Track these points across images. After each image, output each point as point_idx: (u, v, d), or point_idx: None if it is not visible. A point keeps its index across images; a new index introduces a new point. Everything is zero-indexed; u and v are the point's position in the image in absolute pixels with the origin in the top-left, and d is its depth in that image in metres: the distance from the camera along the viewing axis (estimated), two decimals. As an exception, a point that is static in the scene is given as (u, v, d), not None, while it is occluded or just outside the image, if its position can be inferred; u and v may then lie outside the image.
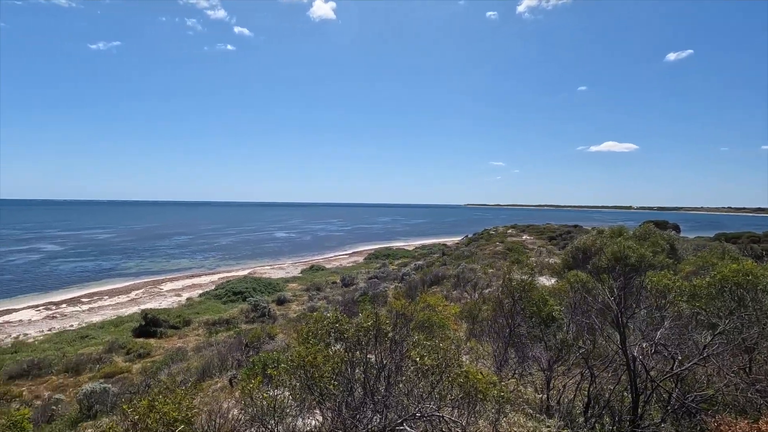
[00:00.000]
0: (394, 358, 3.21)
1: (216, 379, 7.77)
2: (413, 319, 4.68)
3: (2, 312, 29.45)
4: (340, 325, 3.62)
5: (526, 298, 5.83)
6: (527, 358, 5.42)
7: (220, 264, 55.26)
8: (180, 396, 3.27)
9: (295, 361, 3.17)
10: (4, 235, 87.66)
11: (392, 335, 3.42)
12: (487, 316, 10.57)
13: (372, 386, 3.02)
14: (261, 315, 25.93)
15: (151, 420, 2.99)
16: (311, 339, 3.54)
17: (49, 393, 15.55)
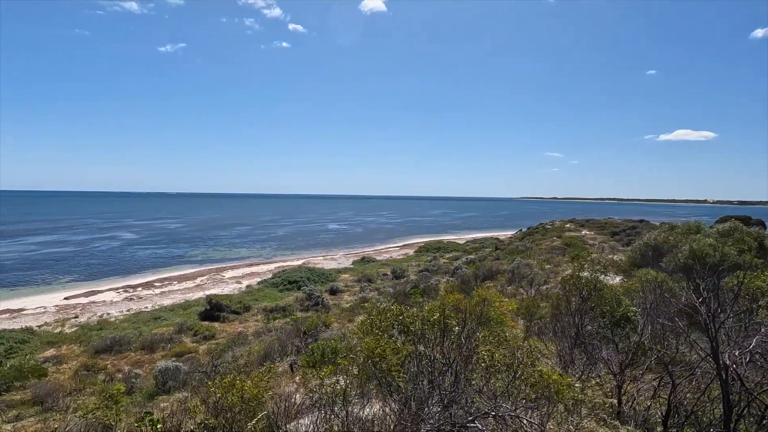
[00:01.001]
0: (462, 353, 3.12)
1: (277, 363, 8.11)
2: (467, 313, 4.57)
3: (90, 293, 32.75)
4: (404, 317, 3.58)
5: (597, 297, 5.46)
6: (596, 360, 5.09)
7: (276, 254, 57.64)
8: (259, 377, 3.43)
9: (364, 352, 3.19)
10: (90, 224, 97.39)
11: (458, 330, 3.32)
12: (546, 313, 10.12)
13: (439, 381, 2.97)
14: (315, 304, 26.75)
15: (232, 396, 3.14)
16: (375, 330, 3.55)
17: (129, 367, 17.09)
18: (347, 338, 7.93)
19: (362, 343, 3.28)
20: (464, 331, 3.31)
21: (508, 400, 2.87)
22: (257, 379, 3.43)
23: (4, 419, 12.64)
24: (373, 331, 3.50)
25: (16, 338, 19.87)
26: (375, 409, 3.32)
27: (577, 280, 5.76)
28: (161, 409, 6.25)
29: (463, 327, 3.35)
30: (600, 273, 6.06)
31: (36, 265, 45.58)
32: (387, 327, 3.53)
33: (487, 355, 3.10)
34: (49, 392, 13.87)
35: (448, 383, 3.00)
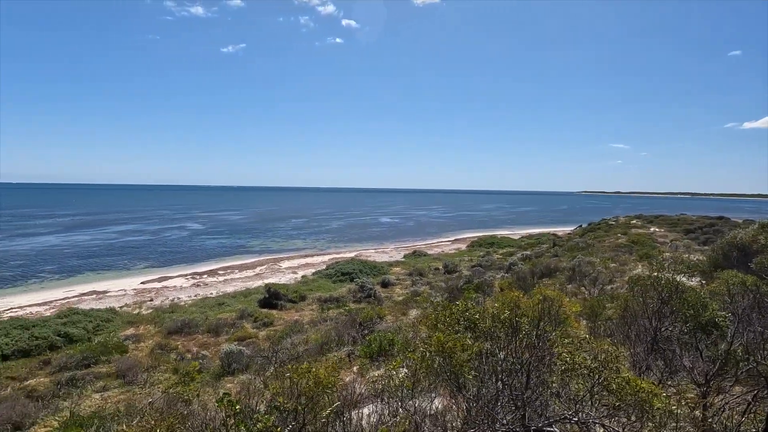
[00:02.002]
0: (536, 353, 2.98)
1: (335, 353, 8.33)
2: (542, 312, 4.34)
3: (162, 278, 35.55)
4: (471, 313, 3.49)
5: (679, 299, 4.98)
6: (677, 368, 4.66)
7: (330, 246, 59.11)
8: (333, 365, 3.52)
9: (433, 347, 3.15)
10: (162, 215, 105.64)
11: (529, 329, 3.17)
12: (613, 314, 9.50)
13: (511, 381, 2.86)
14: (367, 296, 27.13)
15: (308, 381, 3.25)
16: (441, 325, 3.49)
17: (197, 348, 18.37)
18: (403, 331, 7.93)
19: (431, 338, 3.23)
20: (536, 330, 3.15)
21: (589, 406, 2.69)
22: (331, 368, 3.51)
23: (93, 389, 14.10)
24: (438, 326, 3.44)
25: (102, 317, 22.03)
26: (440, 404, 3.27)
27: (656, 280, 5.29)
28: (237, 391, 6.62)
29: (536, 326, 3.18)
30: (682, 274, 5.53)
31: (117, 251, 50.26)
32: (453, 322, 3.46)
33: (567, 357, 2.92)
34: (130, 367, 15.26)
35: (520, 384, 2.87)
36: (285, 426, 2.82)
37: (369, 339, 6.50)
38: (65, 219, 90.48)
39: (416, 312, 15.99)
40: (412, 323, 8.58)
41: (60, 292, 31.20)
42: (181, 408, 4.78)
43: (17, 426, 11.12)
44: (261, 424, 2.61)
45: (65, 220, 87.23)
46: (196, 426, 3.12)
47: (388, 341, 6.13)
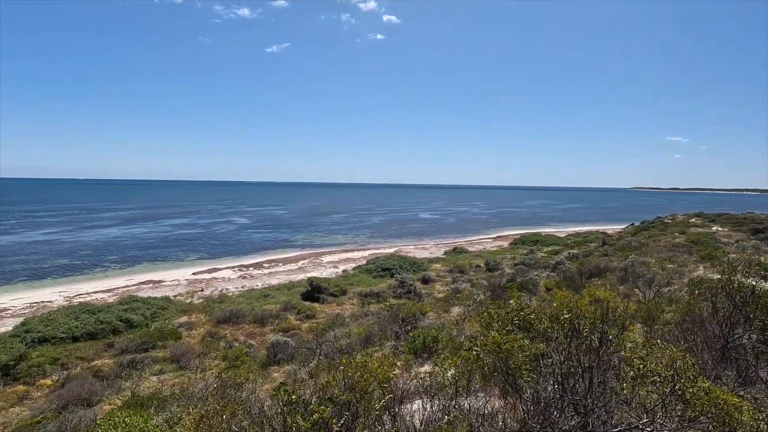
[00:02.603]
0: (600, 357, 2.83)
1: (378, 347, 8.38)
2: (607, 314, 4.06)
3: (212, 270, 37.32)
4: (526, 314, 3.37)
5: (756, 305, 4.54)
6: (753, 379, 4.27)
7: (370, 241, 59.61)
8: (388, 360, 3.55)
9: (489, 346, 3.07)
10: (211, 210, 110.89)
11: (588, 332, 3.01)
12: (672, 318, 8.89)
13: (571, 386, 2.73)
14: (407, 292, 27.11)
15: (362, 374, 3.28)
16: (495, 324, 3.40)
17: (244, 338, 19.13)
18: (446, 328, 7.85)
19: (484, 337, 3.15)
20: (599, 333, 2.98)
21: (661, 416, 2.50)
22: (387, 363, 3.53)
23: (150, 372, 15.05)
24: (492, 324, 3.35)
25: (158, 305, 23.45)
26: (492, 405, 3.19)
27: (727, 283, 4.85)
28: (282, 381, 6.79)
29: (599, 329, 3.00)
30: (758, 277, 5.04)
31: (171, 243, 53.31)
32: (506, 322, 3.35)
33: (638, 363, 2.73)
34: (183, 353, 16.15)
35: (582, 389, 2.72)
36: (339, 418, 2.86)
37: (413, 335, 6.47)
38: (125, 213, 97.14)
39: (458, 309, 15.78)
40: (455, 320, 8.45)
41: (121, 280, 33.55)
42: (233, 392, 4.98)
43: (86, 402, 12.08)
44: (317, 415, 2.66)
45: (125, 214, 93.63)
46: (254, 413, 3.23)
47: (432, 338, 6.07)
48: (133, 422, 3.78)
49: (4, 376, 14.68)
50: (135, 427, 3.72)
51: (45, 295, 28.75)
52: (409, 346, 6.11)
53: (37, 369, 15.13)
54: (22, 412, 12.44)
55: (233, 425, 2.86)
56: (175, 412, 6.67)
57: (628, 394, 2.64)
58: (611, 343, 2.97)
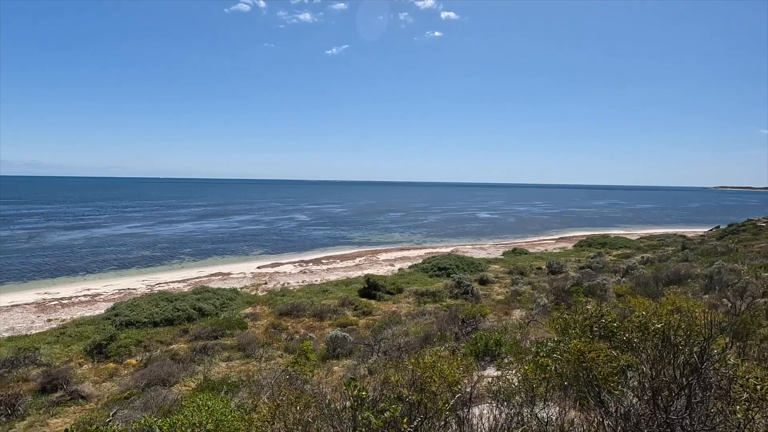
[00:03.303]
0: (701, 374, 2.53)
1: (436, 348, 8.28)
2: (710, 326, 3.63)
3: (275, 264, 39.14)
4: (608, 321, 3.12)
5: None
6: None
7: (426, 240, 59.29)
8: (458, 362, 3.51)
9: (570, 354, 2.90)
10: (274, 207, 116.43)
11: (683, 344, 2.71)
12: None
13: (668, 404, 2.47)
14: (464, 292, 26.61)
15: (433, 376, 3.26)
16: (571, 331, 3.19)
17: (304, 330, 19.85)
18: (509, 332, 7.55)
19: (562, 343, 2.97)
20: (698, 346, 2.66)
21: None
22: (456, 365, 3.47)
23: (220, 358, 16.08)
24: (569, 331, 3.14)
25: (226, 296, 25.01)
26: (570, 417, 2.99)
27: None
28: (341, 375, 6.93)
29: (702, 343, 2.67)
30: None
31: (238, 238, 56.68)
32: (583, 329, 3.13)
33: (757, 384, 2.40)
34: (249, 342, 17.08)
35: (678, 408, 2.45)
36: (410, 418, 2.84)
37: (474, 337, 6.30)
38: (198, 209, 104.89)
39: (520, 313, 15.16)
40: (518, 324, 8.11)
41: (194, 271, 36.22)
42: (299, 385, 5.16)
43: (165, 382, 13.18)
44: (388, 414, 2.66)
45: (198, 210, 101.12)
46: (324, 408, 3.31)
47: (495, 341, 5.85)
48: (214, 406, 4.04)
49: (98, 354, 16.43)
50: (216, 410, 3.97)
51: (130, 282, 31.81)
52: (470, 348, 5.95)
53: (125, 349, 16.76)
54: (113, 387, 13.85)
55: (307, 417, 2.95)
56: (245, 397, 7.05)
57: (742, 420, 2.31)
58: (713, 360, 2.62)
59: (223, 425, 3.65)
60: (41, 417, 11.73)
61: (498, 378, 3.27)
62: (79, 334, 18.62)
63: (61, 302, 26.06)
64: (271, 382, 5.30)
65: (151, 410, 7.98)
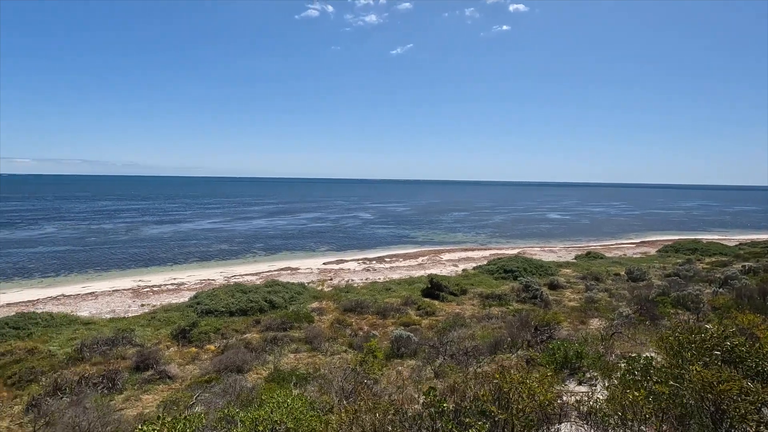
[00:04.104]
0: None
1: (507, 354, 7.90)
2: None
3: (339, 261, 40.21)
4: (733, 344, 2.67)
5: None
6: None
7: (491, 241, 57.52)
8: (547, 381, 3.29)
9: (695, 383, 2.54)
10: (339, 205, 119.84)
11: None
12: None
13: None
14: (532, 297, 25.36)
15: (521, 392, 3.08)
16: (686, 353, 2.80)
17: (367, 327, 20.11)
18: (590, 343, 6.97)
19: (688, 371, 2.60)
20: None
21: None
22: (547, 383, 3.24)
23: (289, 349, 16.79)
24: (683, 353, 2.76)
25: (294, 290, 26.12)
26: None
27: None
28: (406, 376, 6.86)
29: None
30: None
31: (305, 235, 59.11)
32: (702, 351, 2.72)
33: None
34: (316, 335, 17.65)
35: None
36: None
37: (551, 346, 5.88)
38: (270, 207, 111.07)
39: (598, 322, 14.03)
40: (600, 335, 7.46)
41: (265, 265, 38.32)
42: (369, 385, 5.17)
43: (239, 369, 14.03)
44: (473, 430, 2.52)
45: (270, 208, 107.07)
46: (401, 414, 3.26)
47: (575, 352, 5.40)
48: (293, 404, 4.16)
49: (182, 338, 17.94)
50: (296, 409, 4.09)
51: (210, 274, 34.42)
52: (547, 358, 5.56)
53: (205, 336, 18.12)
54: (194, 369, 15.02)
55: (385, 425, 2.90)
56: (313, 391, 7.24)
57: None
58: None
59: (301, 425, 3.73)
60: (135, 392, 13.03)
61: (584, 395, 2.97)
62: (167, 320, 20.48)
63: (152, 289, 28.89)
64: (341, 380, 5.38)
65: (229, 396, 8.50)
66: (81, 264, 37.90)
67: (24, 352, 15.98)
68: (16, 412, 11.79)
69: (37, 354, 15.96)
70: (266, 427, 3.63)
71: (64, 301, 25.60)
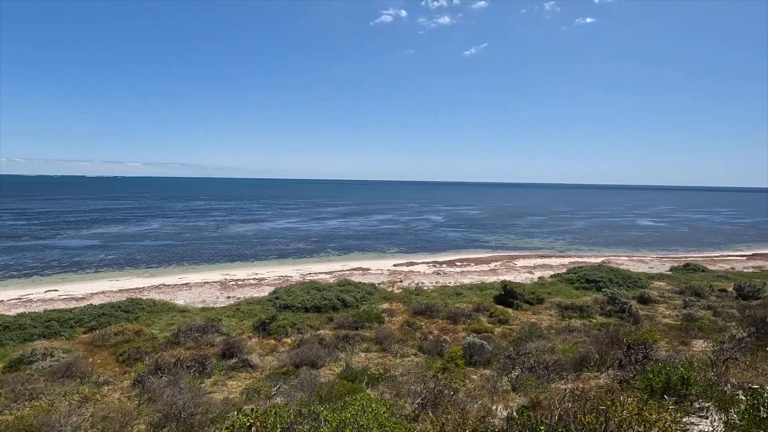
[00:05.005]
0: None
1: (594, 373, 7.24)
2: None
3: (409, 263, 40.28)
4: None
5: None
6: None
7: (570, 248, 53.94)
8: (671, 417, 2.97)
9: None
10: (410, 208, 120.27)
11: None
12: None
13: None
14: (619, 310, 23.25)
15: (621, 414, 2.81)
16: None
17: (437, 332, 19.83)
18: (697, 368, 6.11)
19: None
20: None
21: None
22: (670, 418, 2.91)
23: (360, 348, 17.12)
24: None
25: (366, 290, 26.62)
26: None
27: None
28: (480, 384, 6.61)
29: None
30: None
31: (377, 236, 60.12)
32: None
33: None
34: (386, 336, 17.79)
35: None
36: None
37: (650, 368, 5.25)
38: (343, 208, 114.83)
39: (703, 344, 12.37)
40: (710, 360, 6.48)
41: (338, 265, 39.59)
42: (450, 395, 5.03)
43: (313, 364, 14.60)
44: None
45: (342, 209, 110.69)
46: None
47: (679, 377, 4.73)
48: (378, 410, 4.20)
49: (262, 330, 19.14)
50: (380, 414, 4.12)
51: (287, 270, 36.37)
52: (646, 382, 4.96)
53: (282, 329, 19.15)
54: (273, 361, 15.92)
55: None
56: (384, 391, 7.26)
57: None
58: None
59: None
60: (222, 378, 14.13)
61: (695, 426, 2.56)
62: (249, 312, 21.97)
63: (236, 283, 31.23)
64: (421, 387, 5.29)
65: (307, 390, 8.86)
66: (178, 257, 42.23)
67: (132, 334, 18.12)
68: (125, 386, 13.39)
69: (142, 336, 18.02)
70: (352, 430, 3.68)
71: (164, 290, 28.63)
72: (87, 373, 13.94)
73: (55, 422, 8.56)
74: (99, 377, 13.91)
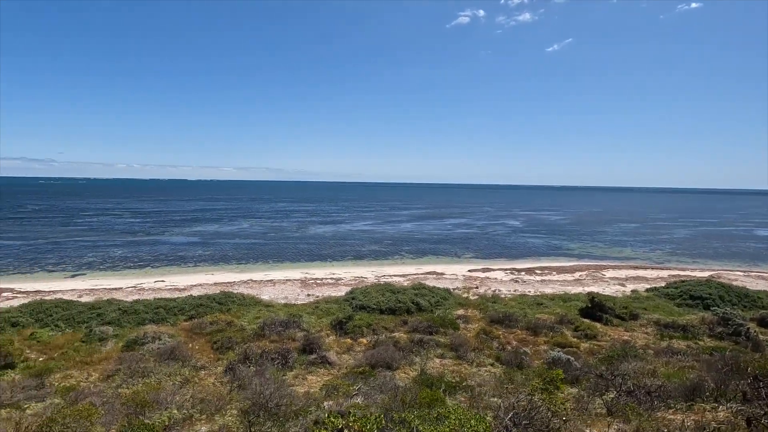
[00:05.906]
0: None
1: (711, 404, 6.30)
2: None
3: (485, 269, 39.01)
4: None
5: None
6: None
7: (671, 259, 48.39)
8: None
9: None
10: (486, 212, 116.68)
11: None
12: None
13: None
14: (733, 333, 20.30)
15: None
16: None
17: (516, 343, 18.91)
18: None
19: None
20: None
21: None
22: None
23: (434, 354, 16.91)
24: None
25: (440, 295, 26.29)
26: None
27: None
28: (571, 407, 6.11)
29: None
30: None
31: (451, 240, 59.18)
32: None
33: None
34: (461, 343, 17.38)
35: None
36: None
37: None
38: (418, 211, 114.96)
39: None
40: None
41: (412, 268, 39.62)
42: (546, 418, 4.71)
43: (388, 365, 14.72)
44: None
45: (417, 212, 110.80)
46: None
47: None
48: (478, 426, 4.08)
49: (339, 329, 19.77)
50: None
51: (363, 272, 37.24)
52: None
53: (358, 329, 19.60)
54: (349, 359, 16.35)
55: None
56: (461, 400, 7.04)
57: None
58: None
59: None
60: (302, 372, 14.84)
61: None
62: (327, 310, 22.85)
63: (316, 281, 32.68)
64: (514, 401, 5.04)
65: (386, 393, 8.95)
66: (264, 255, 45.39)
67: (225, 324, 19.79)
68: (218, 371, 14.63)
69: (233, 326, 19.59)
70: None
71: (252, 285, 30.89)
72: (187, 357, 15.49)
73: (163, 399, 9.62)
74: (197, 362, 15.38)
